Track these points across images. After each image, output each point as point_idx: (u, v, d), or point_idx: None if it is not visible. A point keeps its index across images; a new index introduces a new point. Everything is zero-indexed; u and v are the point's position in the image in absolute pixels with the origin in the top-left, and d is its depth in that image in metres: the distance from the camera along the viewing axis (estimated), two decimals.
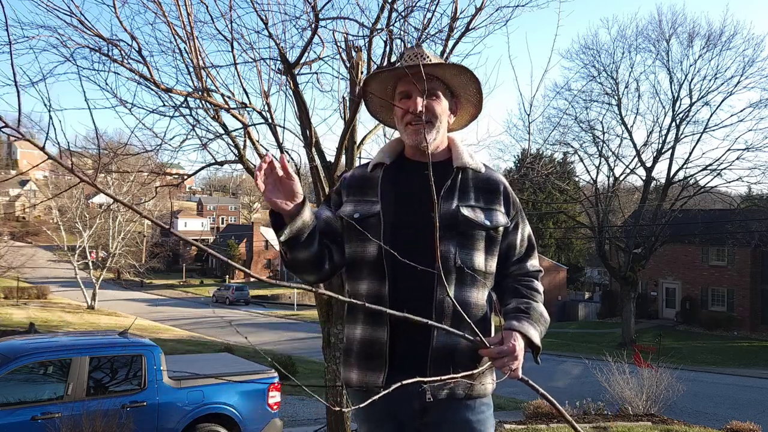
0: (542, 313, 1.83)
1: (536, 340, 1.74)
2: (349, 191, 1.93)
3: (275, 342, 22.42)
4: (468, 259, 1.79)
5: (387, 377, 1.75)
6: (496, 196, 1.87)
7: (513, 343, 1.66)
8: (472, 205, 1.82)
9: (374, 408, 1.72)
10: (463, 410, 1.78)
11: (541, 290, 1.90)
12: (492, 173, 1.92)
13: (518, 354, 1.65)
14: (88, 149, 6.20)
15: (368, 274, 1.82)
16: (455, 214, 1.79)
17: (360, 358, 1.82)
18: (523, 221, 1.94)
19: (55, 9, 4.14)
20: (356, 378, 1.82)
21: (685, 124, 25.28)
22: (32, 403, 5.10)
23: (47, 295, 33.46)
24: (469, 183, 1.86)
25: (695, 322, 30.03)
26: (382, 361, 1.77)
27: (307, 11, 4.54)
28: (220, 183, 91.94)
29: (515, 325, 1.72)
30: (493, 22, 4.72)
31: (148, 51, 4.56)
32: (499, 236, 1.85)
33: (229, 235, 61.81)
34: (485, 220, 1.82)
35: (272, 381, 6.37)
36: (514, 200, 1.92)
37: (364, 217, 1.83)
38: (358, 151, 5.32)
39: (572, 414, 8.20)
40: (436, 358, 1.74)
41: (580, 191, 30.20)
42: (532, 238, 1.97)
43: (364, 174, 1.94)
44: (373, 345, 1.79)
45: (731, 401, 13.64)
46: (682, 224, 26.12)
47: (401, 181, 1.88)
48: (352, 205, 1.88)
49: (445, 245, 1.77)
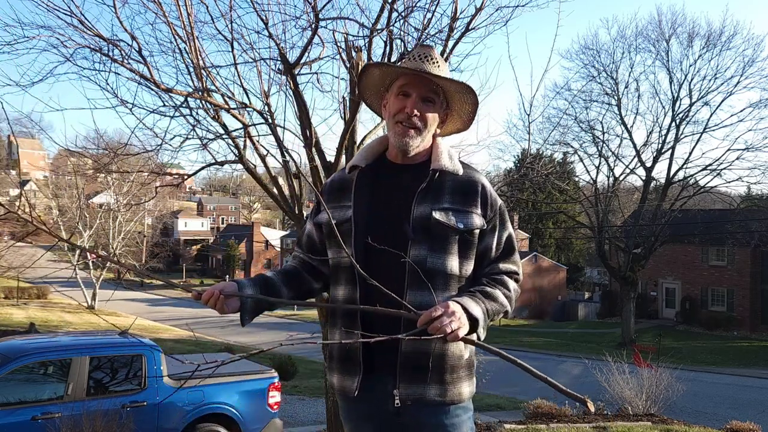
0: (493, 294, 1.78)
1: (474, 311, 1.68)
2: (328, 197, 1.96)
3: (275, 342, 22.39)
4: (440, 263, 1.78)
5: (361, 381, 1.80)
6: (473, 198, 1.84)
7: (449, 308, 1.61)
8: (445, 208, 1.80)
9: (353, 410, 1.88)
10: (437, 414, 1.80)
11: (510, 285, 1.86)
12: (471, 175, 1.88)
13: (452, 315, 1.60)
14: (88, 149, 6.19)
15: (344, 279, 1.85)
16: (427, 218, 1.78)
17: (338, 362, 1.88)
18: (503, 224, 1.90)
19: (55, 9, 4.14)
20: (336, 382, 1.89)
21: (685, 124, 25.33)
22: (32, 403, 5.10)
23: (47, 295, 33.46)
24: (445, 185, 1.84)
25: (695, 322, 30.03)
26: (356, 366, 1.81)
27: (307, 11, 4.54)
28: (221, 183, 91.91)
29: (452, 298, 1.72)
30: (493, 22, 4.73)
31: (148, 51, 4.56)
32: (474, 239, 1.83)
33: (229, 235, 61.79)
34: (458, 223, 1.79)
35: (272, 381, 6.37)
36: (494, 202, 1.87)
37: (339, 223, 1.85)
38: (358, 150, 5.32)
39: (572, 414, 8.20)
40: (404, 363, 1.76)
41: (580, 191, 30.22)
42: (513, 242, 1.92)
43: (342, 177, 1.96)
44: (349, 351, 1.83)
45: (731, 401, 13.64)
46: (682, 224, 26.12)
47: (376, 185, 1.88)
48: (330, 211, 1.89)
49: (417, 249, 1.77)
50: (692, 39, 24.87)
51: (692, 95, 24.94)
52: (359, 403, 1.84)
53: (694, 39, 24.85)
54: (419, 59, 1.82)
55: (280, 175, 5.65)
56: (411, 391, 1.75)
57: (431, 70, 1.80)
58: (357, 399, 1.81)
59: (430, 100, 1.83)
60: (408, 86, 1.83)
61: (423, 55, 1.83)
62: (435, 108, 1.85)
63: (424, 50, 1.84)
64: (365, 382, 1.80)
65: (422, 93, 1.82)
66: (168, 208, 56.97)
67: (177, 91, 4.54)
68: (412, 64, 1.82)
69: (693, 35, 24.87)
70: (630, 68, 26.21)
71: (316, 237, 1.99)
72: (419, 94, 1.81)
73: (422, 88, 1.81)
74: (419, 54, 1.83)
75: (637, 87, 26.20)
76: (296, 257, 2.08)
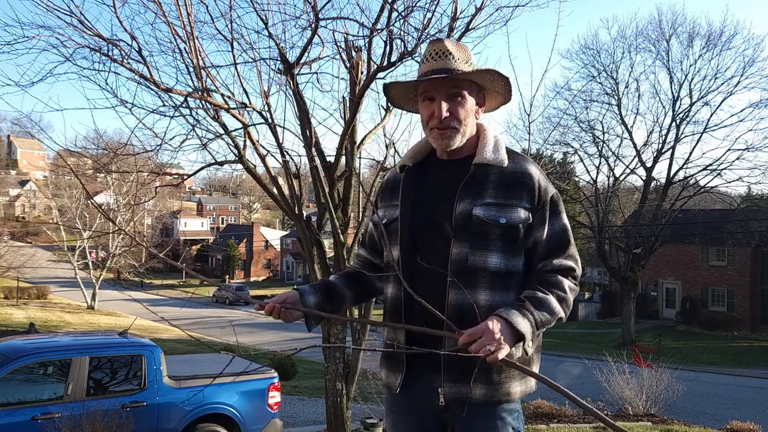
0: (546, 302, 1.70)
1: (521, 326, 1.61)
2: (382, 197, 2.02)
3: (275, 342, 22.41)
4: (481, 261, 1.75)
5: (404, 378, 1.84)
6: (518, 190, 1.77)
7: (489, 328, 1.55)
8: (487, 203, 1.76)
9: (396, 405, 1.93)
10: (481, 415, 1.79)
11: (566, 286, 1.76)
12: (518, 165, 1.81)
13: (492, 336, 1.54)
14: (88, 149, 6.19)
15: (392, 278, 1.88)
16: (468, 215, 1.76)
17: (385, 358, 1.94)
18: (556, 216, 1.81)
19: (55, 9, 4.14)
20: (384, 377, 1.95)
21: (685, 124, 25.31)
22: (32, 403, 5.09)
23: (47, 295, 33.46)
24: (489, 179, 1.79)
25: (695, 322, 30.00)
26: (400, 363, 1.85)
27: (307, 11, 4.54)
28: (220, 183, 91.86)
29: (498, 311, 1.65)
30: (493, 22, 4.71)
31: (148, 51, 4.56)
32: (519, 233, 1.77)
33: (229, 235, 61.76)
34: (500, 219, 1.74)
35: (272, 381, 6.37)
36: (543, 192, 1.79)
37: (388, 222, 1.91)
38: (358, 151, 5.31)
39: (572, 414, 8.20)
40: (449, 361, 1.75)
41: (580, 191, 30.17)
42: (567, 235, 1.83)
43: (395, 177, 1.99)
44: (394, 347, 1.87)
45: (731, 401, 13.64)
46: (682, 224, 26.12)
47: (422, 183, 1.89)
48: (383, 210, 1.96)
49: (459, 247, 1.76)
50: (692, 39, 24.89)
51: (692, 95, 24.94)
52: (403, 399, 1.88)
53: (694, 39, 24.88)
54: (433, 58, 1.78)
55: (280, 175, 5.64)
56: (456, 390, 1.75)
57: (447, 64, 1.76)
58: (400, 395, 1.86)
59: (456, 95, 1.79)
60: (430, 91, 1.80)
61: (435, 52, 1.79)
62: (464, 100, 1.80)
63: (435, 46, 1.80)
64: (408, 379, 1.83)
65: (446, 92, 1.78)
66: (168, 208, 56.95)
67: (177, 91, 4.54)
68: (427, 66, 1.79)
69: (693, 35, 24.89)
70: (630, 68, 26.24)
71: (375, 236, 2.04)
72: (443, 94, 1.78)
73: (444, 88, 1.78)
74: (431, 52, 1.80)
75: (637, 87, 26.22)
76: (359, 257, 2.13)
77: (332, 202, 5.07)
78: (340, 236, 5.09)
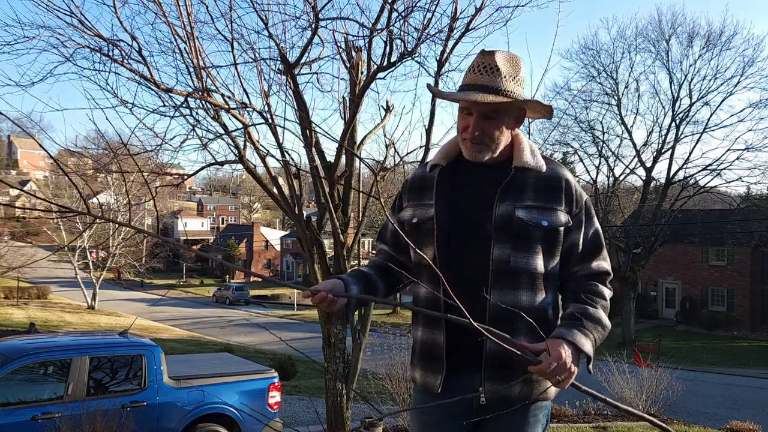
0: (600, 318, 1.78)
1: (586, 348, 1.69)
2: (409, 195, 1.98)
3: (275, 342, 22.42)
4: (523, 262, 1.77)
5: (444, 379, 1.83)
6: (557, 194, 1.81)
7: (562, 358, 1.63)
8: (528, 206, 1.78)
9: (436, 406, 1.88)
10: (518, 412, 1.80)
11: (607, 294, 1.84)
12: (555, 170, 1.85)
13: (566, 367, 1.63)
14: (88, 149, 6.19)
15: (426, 278, 1.86)
16: (510, 217, 1.76)
17: (420, 359, 1.91)
18: (590, 220, 1.87)
19: (55, 9, 4.14)
20: (418, 378, 1.92)
21: (685, 124, 25.31)
22: (32, 403, 5.10)
23: (47, 295, 33.46)
24: (528, 182, 1.81)
25: (695, 322, 29.99)
26: (439, 363, 1.84)
27: (307, 11, 4.54)
28: (221, 183, 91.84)
29: (563, 333, 1.70)
30: (493, 22, 4.72)
31: (148, 51, 4.55)
32: (560, 236, 1.81)
33: (229, 235, 61.78)
34: (542, 221, 1.77)
35: (272, 381, 6.37)
36: (579, 197, 1.85)
37: (421, 222, 1.88)
38: (358, 151, 5.32)
39: (572, 414, 8.20)
40: (490, 362, 1.77)
41: None
42: (600, 238, 1.89)
43: (423, 175, 1.97)
44: (432, 348, 1.86)
45: (731, 401, 13.65)
46: (682, 224, 26.12)
47: (457, 183, 1.88)
48: (411, 209, 1.93)
49: (500, 249, 1.76)
50: (692, 39, 24.89)
51: (692, 95, 24.94)
52: (442, 399, 1.86)
53: (694, 39, 24.88)
54: (480, 71, 1.77)
55: (280, 175, 5.65)
56: (496, 388, 1.77)
57: (493, 82, 1.75)
58: (440, 396, 1.84)
59: (492, 116, 1.78)
60: (468, 105, 1.79)
61: (483, 65, 1.77)
62: (499, 120, 1.79)
63: (484, 59, 1.78)
64: (449, 378, 1.82)
65: (483, 110, 1.77)
66: (168, 208, 56.94)
67: (177, 91, 4.54)
68: (471, 78, 1.77)
69: (693, 35, 24.89)
70: (630, 68, 26.26)
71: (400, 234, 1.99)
72: (480, 112, 1.78)
73: (482, 106, 1.77)
74: (480, 65, 1.78)
75: (637, 87, 26.23)
76: (381, 252, 2.09)
77: (332, 202, 5.08)
78: (340, 236, 5.09)
